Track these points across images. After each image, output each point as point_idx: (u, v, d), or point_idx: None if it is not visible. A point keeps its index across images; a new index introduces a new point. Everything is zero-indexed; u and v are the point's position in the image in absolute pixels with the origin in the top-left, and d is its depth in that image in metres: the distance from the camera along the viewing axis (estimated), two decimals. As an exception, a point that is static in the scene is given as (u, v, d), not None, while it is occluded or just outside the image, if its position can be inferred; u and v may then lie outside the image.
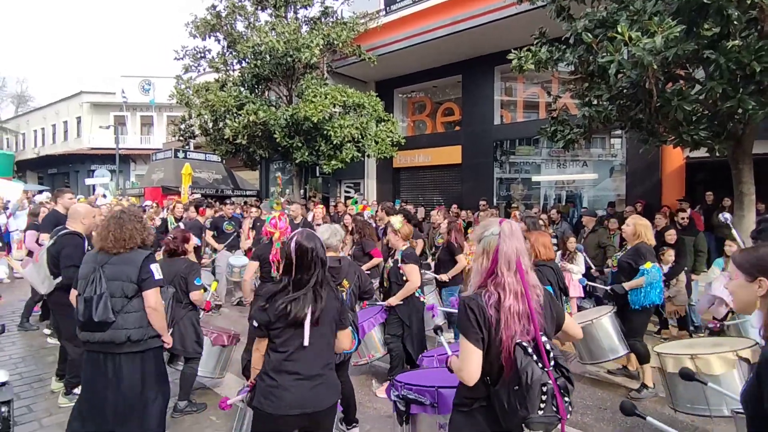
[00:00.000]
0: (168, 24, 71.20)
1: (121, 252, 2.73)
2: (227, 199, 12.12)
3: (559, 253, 6.20)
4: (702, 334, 5.70)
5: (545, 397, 1.58)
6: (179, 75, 13.12)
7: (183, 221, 7.19)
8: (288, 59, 11.23)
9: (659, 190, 9.60)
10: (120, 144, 21.43)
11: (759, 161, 5.92)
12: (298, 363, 2.07)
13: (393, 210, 7.40)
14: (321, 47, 11.10)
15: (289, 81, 12.41)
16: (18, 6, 65.16)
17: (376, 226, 7.44)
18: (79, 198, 7.91)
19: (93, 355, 2.72)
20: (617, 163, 10.77)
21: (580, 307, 6.22)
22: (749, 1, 4.14)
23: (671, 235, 5.76)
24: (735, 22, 4.29)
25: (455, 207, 10.21)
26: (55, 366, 4.21)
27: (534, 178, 12.14)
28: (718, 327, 4.13)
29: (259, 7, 12.53)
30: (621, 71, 4.78)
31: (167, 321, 3.53)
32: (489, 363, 1.70)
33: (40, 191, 17.70)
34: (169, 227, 7.09)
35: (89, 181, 20.65)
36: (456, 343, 2.59)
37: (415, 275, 4.14)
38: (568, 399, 1.66)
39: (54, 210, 4.61)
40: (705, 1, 4.29)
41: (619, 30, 4.49)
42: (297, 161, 11.70)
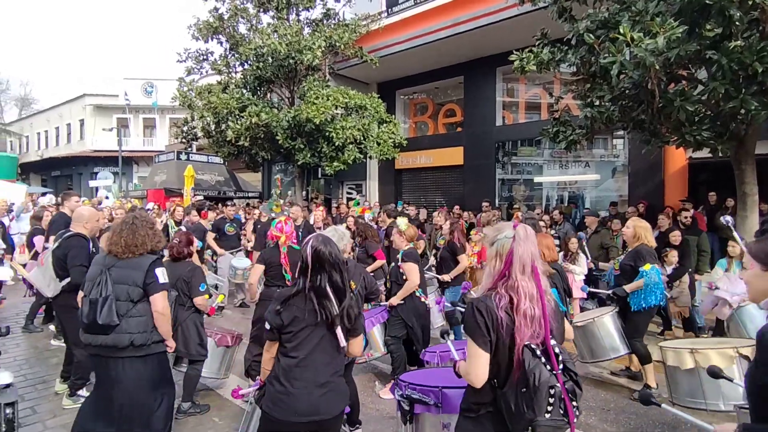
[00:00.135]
0: (170, 26, 71.53)
1: (131, 257, 2.74)
2: (228, 201, 12.12)
3: (561, 254, 6.20)
4: (705, 335, 5.69)
5: (552, 400, 1.57)
6: (182, 77, 13.18)
7: (184, 224, 7.19)
8: (290, 61, 11.26)
9: (662, 190, 9.56)
10: (123, 146, 21.53)
11: (762, 162, 5.91)
12: (307, 369, 2.07)
13: (395, 212, 7.41)
14: (323, 49, 11.12)
15: (291, 83, 12.45)
16: (21, 9, 65.63)
17: (377, 227, 7.46)
18: (84, 200, 7.96)
19: (96, 359, 2.73)
20: (619, 164, 10.74)
21: (582, 308, 6.22)
22: (751, 2, 4.13)
23: (676, 236, 5.74)
24: (737, 22, 4.29)
25: (457, 208, 10.22)
26: (60, 368, 4.23)
27: (536, 179, 12.12)
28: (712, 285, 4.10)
29: (261, 10, 12.57)
30: (623, 72, 4.78)
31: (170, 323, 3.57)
32: (497, 365, 1.69)
33: (43, 194, 17.78)
34: (170, 231, 7.09)
35: (93, 183, 20.76)
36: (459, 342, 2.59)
37: (414, 274, 4.14)
38: (576, 403, 1.64)
39: (61, 213, 4.65)
40: (707, 2, 4.29)
41: (621, 31, 4.49)
42: (299, 163, 11.73)
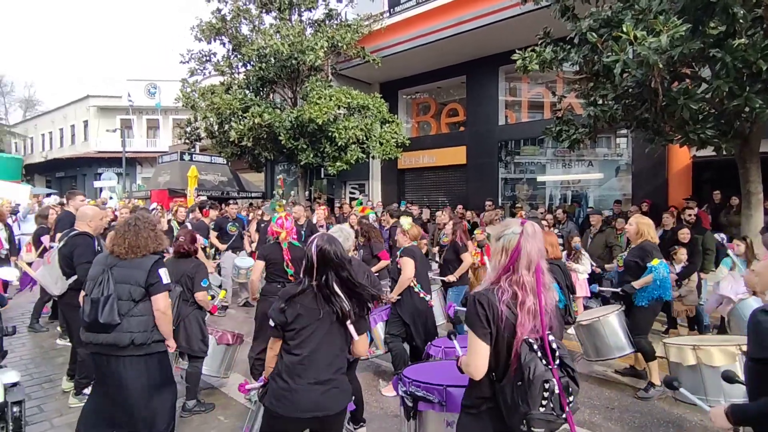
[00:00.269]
0: (171, 27, 71.79)
1: (133, 257, 2.76)
2: (230, 200, 12.14)
3: (565, 253, 6.19)
4: (710, 333, 5.67)
5: (547, 394, 1.58)
6: (185, 78, 13.23)
7: (189, 221, 7.22)
8: (292, 62, 11.29)
9: (666, 189, 9.53)
10: (126, 147, 21.66)
11: (766, 160, 5.89)
12: (311, 367, 2.08)
13: (398, 212, 7.42)
14: (325, 49, 11.14)
15: (294, 83, 12.48)
16: (25, 11, 66.01)
17: (380, 227, 7.46)
18: (89, 201, 8.01)
19: (96, 357, 2.74)
20: (623, 163, 10.71)
21: (586, 307, 6.21)
22: (755, 0, 4.13)
23: (684, 234, 5.69)
24: (741, 20, 4.28)
25: (460, 207, 10.22)
26: (65, 366, 4.27)
27: (539, 178, 12.10)
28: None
29: (264, 11, 12.61)
30: (626, 70, 4.77)
31: (173, 319, 3.60)
32: (496, 358, 1.71)
33: (48, 194, 17.88)
34: (175, 231, 7.12)
35: (98, 184, 20.87)
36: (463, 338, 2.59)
37: (408, 267, 4.12)
38: (571, 398, 1.66)
39: (67, 212, 4.70)
40: (710, 0, 4.28)
41: (624, 29, 4.48)
42: (302, 163, 11.76)
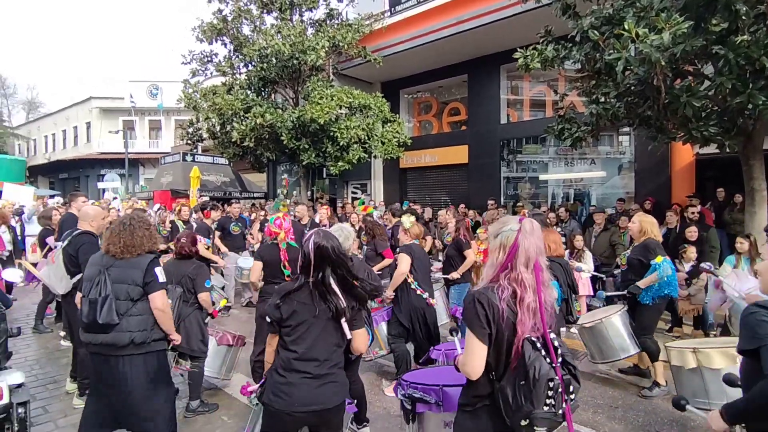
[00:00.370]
0: (173, 28, 71.94)
1: (128, 257, 2.76)
2: (232, 200, 12.16)
3: (567, 252, 6.18)
4: (714, 332, 5.64)
5: (551, 393, 1.57)
6: (186, 79, 13.25)
7: (193, 221, 7.24)
8: (294, 62, 11.30)
9: (669, 187, 9.49)
10: (129, 148, 21.73)
11: (770, 157, 5.85)
12: (308, 363, 2.10)
13: (400, 211, 7.41)
14: (326, 49, 11.15)
15: (296, 83, 12.49)
16: (27, 14, 66.26)
17: (384, 226, 7.45)
18: (93, 203, 8.05)
19: (96, 357, 2.74)
20: (626, 161, 10.66)
21: (589, 306, 6.19)
22: (757, -4, 4.11)
23: (692, 232, 5.66)
24: (743, 17, 4.26)
25: (462, 206, 10.20)
26: (69, 368, 4.28)
27: (541, 176, 12.07)
28: (709, 270, 4.07)
29: (265, 11, 12.63)
30: (628, 68, 4.75)
31: (174, 319, 3.61)
32: (496, 357, 1.69)
33: (51, 196, 17.95)
34: (181, 230, 7.15)
35: (101, 185, 20.94)
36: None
37: (403, 263, 4.11)
38: (573, 396, 1.66)
39: (70, 213, 4.73)
40: (712, -3, 4.27)
41: (626, 27, 4.47)
42: (304, 163, 11.77)
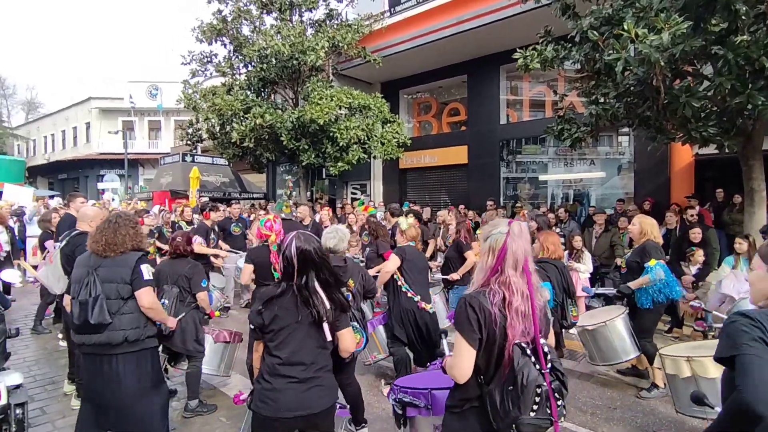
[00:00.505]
0: (173, 28, 71.98)
1: (112, 255, 2.74)
2: (232, 201, 12.17)
3: (567, 253, 6.16)
4: (713, 333, 5.63)
5: (539, 399, 1.56)
6: (186, 80, 13.27)
7: (198, 221, 7.23)
8: (293, 62, 11.30)
9: (668, 187, 9.49)
10: (128, 149, 21.72)
11: (770, 157, 5.85)
12: (293, 367, 2.07)
13: (399, 211, 7.40)
14: (326, 50, 11.15)
15: (295, 84, 12.49)
16: (27, 14, 66.28)
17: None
18: (94, 203, 8.05)
19: (89, 358, 2.73)
20: (625, 161, 10.67)
21: (588, 307, 6.17)
22: (757, -4, 4.11)
23: (696, 234, 5.63)
24: (743, 17, 4.26)
25: (462, 207, 10.19)
26: (67, 369, 4.27)
27: (541, 177, 12.07)
28: (705, 327, 4.07)
29: (265, 11, 12.63)
30: (628, 68, 4.75)
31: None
32: (486, 362, 1.68)
33: (51, 196, 17.95)
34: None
35: (101, 186, 20.94)
36: None
37: (391, 262, 4.04)
38: (561, 402, 1.64)
39: (68, 213, 4.74)
40: (712, -3, 4.27)
41: (626, 27, 4.46)
42: (303, 163, 11.76)
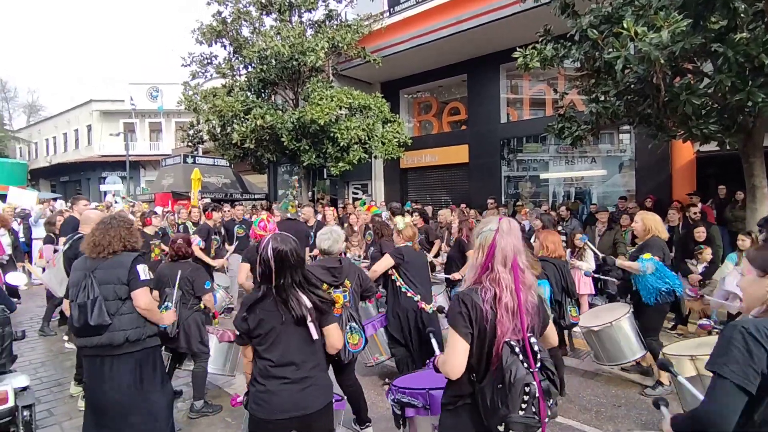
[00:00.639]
0: (173, 29, 72.05)
1: (102, 257, 2.74)
2: (235, 202, 12.19)
3: (569, 251, 6.16)
4: (717, 330, 5.63)
5: (527, 398, 1.56)
6: (186, 81, 13.30)
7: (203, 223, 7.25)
8: (293, 63, 11.32)
9: (669, 185, 9.49)
10: (130, 151, 21.70)
11: (770, 154, 5.85)
12: (285, 369, 2.07)
13: (400, 210, 7.42)
14: (326, 50, 11.16)
15: (295, 84, 12.51)
16: (28, 15, 66.43)
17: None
18: (98, 206, 8.10)
19: (91, 360, 2.75)
20: (626, 159, 10.66)
21: (591, 305, 6.17)
22: (756, -7, 4.11)
23: (700, 233, 5.64)
24: (742, 14, 4.27)
25: (464, 206, 10.21)
26: (74, 370, 4.30)
27: (542, 175, 12.07)
28: (710, 327, 4.06)
29: (264, 12, 12.64)
30: (628, 67, 4.76)
31: (174, 322, 3.63)
32: (478, 359, 1.69)
33: (54, 199, 18.01)
34: (190, 232, 7.16)
35: (104, 188, 20.98)
36: None
37: (382, 262, 4.03)
38: (551, 402, 1.63)
39: (71, 216, 4.79)
40: (711, -5, 4.28)
41: (625, 25, 4.48)
42: (304, 164, 11.79)
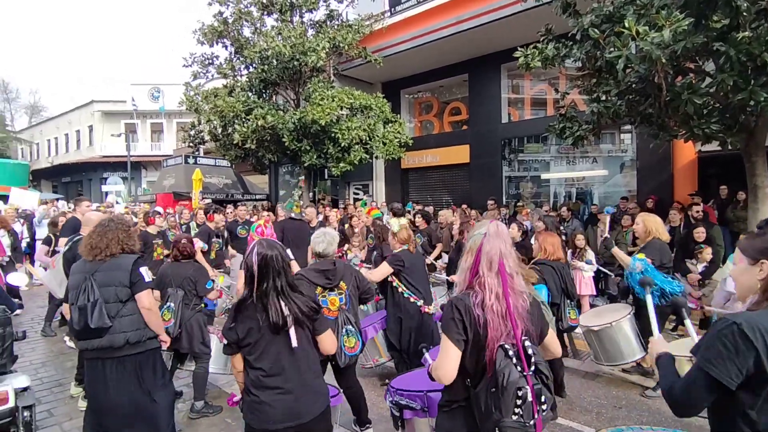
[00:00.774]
0: (174, 29, 72.17)
1: (99, 259, 2.74)
2: (237, 203, 12.20)
3: (570, 252, 6.14)
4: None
5: (520, 402, 1.55)
6: (188, 82, 13.29)
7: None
8: (294, 63, 11.31)
9: (671, 185, 9.45)
10: (131, 151, 21.75)
11: (773, 153, 5.82)
12: (277, 378, 2.05)
13: (401, 211, 7.40)
14: (327, 50, 11.16)
15: (296, 85, 12.50)
16: (28, 15, 66.63)
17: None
18: (99, 207, 8.12)
19: (92, 362, 2.75)
20: (628, 159, 10.63)
21: (592, 305, 6.16)
22: (759, -8, 4.09)
23: (700, 233, 5.63)
24: (744, 13, 4.24)
25: (465, 206, 10.19)
26: (74, 371, 4.30)
27: (543, 175, 12.04)
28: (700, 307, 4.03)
29: (265, 13, 12.63)
30: (629, 66, 4.74)
31: (176, 322, 3.62)
32: (472, 364, 1.68)
33: (56, 199, 18.05)
34: (192, 233, 7.17)
35: (106, 189, 21.03)
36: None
37: (379, 271, 4.00)
38: (545, 407, 1.62)
39: (73, 217, 4.81)
40: (713, -7, 4.26)
41: (627, 25, 4.46)
42: (305, 164, 11.78)
